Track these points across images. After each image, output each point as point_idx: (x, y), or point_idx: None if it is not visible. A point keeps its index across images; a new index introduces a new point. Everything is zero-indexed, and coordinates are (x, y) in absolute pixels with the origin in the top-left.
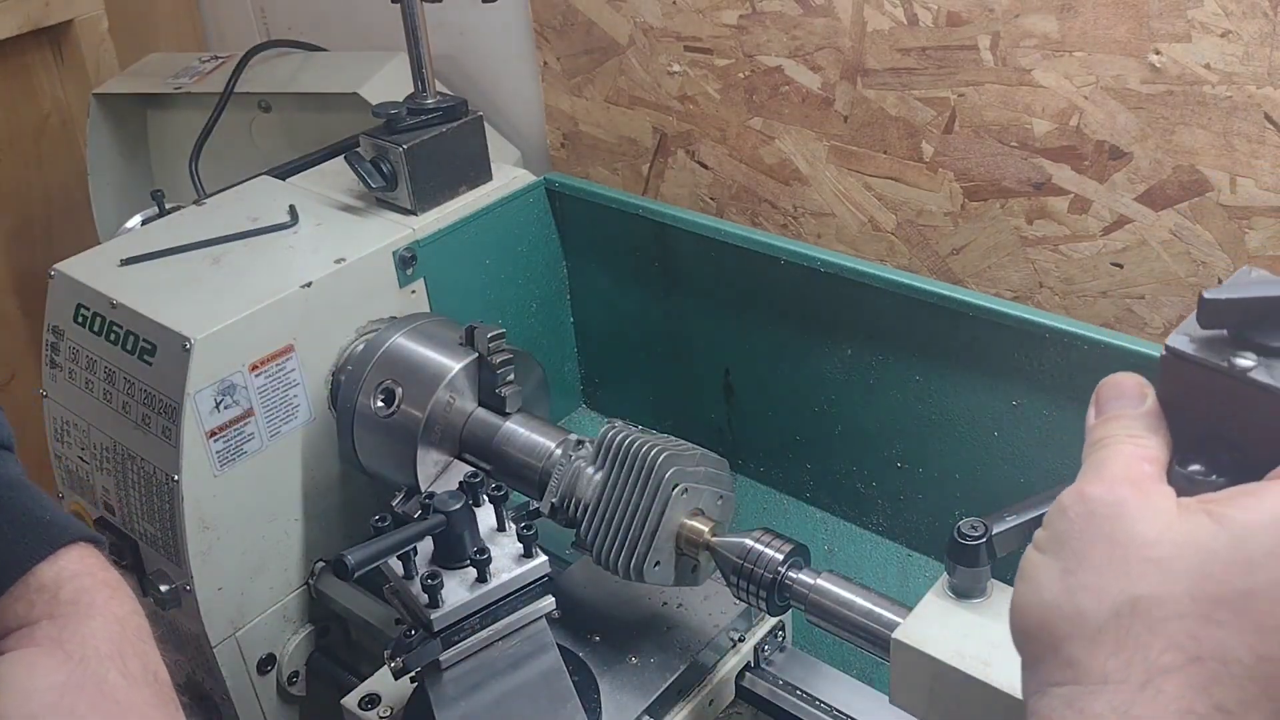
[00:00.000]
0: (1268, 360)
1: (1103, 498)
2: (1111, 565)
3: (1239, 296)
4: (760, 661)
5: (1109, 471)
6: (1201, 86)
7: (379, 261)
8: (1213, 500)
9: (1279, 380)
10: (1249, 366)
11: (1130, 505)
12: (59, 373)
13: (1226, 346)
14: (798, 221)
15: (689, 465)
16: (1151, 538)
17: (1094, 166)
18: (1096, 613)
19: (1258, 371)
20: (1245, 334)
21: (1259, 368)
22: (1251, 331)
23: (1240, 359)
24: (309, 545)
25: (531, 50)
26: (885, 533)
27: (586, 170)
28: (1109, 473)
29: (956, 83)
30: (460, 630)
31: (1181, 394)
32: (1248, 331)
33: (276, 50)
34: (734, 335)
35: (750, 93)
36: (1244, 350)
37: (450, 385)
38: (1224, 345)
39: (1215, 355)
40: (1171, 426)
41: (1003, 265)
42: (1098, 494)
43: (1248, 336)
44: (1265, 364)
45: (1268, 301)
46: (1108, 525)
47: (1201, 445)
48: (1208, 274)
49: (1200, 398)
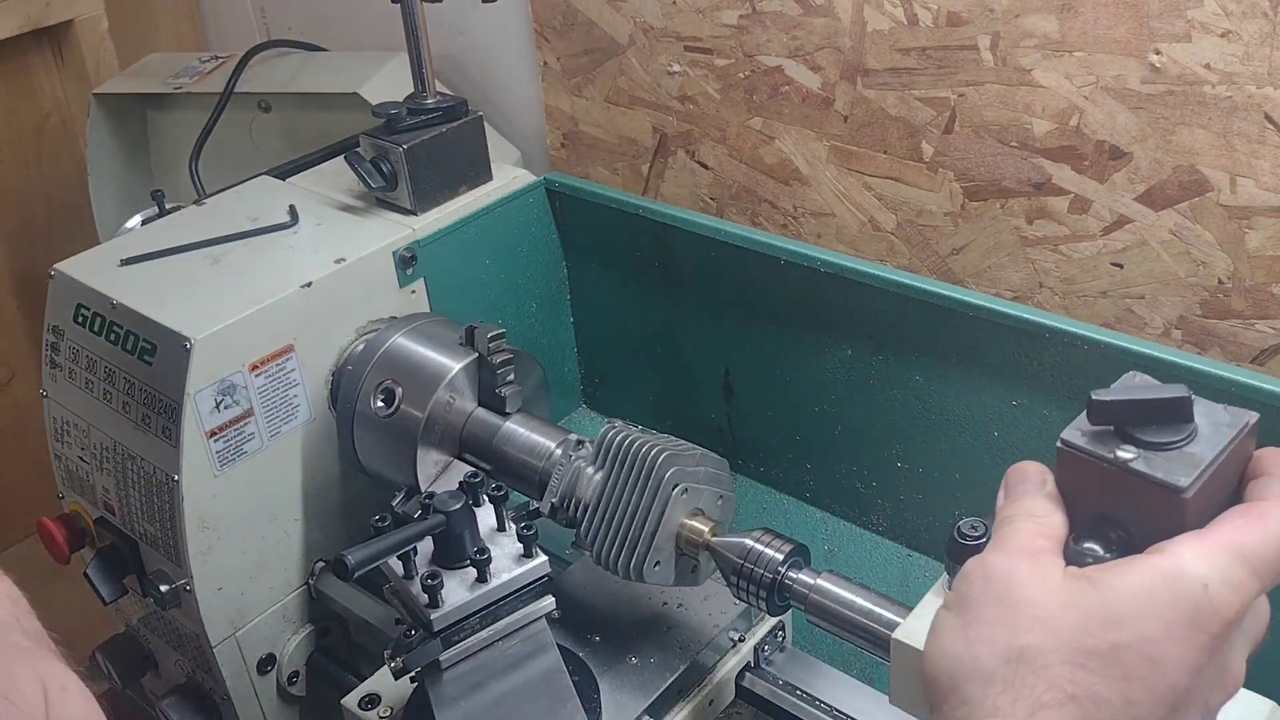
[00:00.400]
0: (1146, 453)
1: (1001, 567)
2: (1004, 622)
3: (1122, 399)
4: (760, 661)
5: (1009, 545)
6: (1201, 86)
7: (379, 261)
8: (1094, 569)
9: (1155, 470)
10: (1130, 458)
11: (1022, 573)
12: (59, 373)
13: (1112, 441)
14: (798, 221)
15: (689, 465)
16: (1039, 600)
17: (1094, 166)
18: (990, 659)
19: (1137, 462)
20: (1127, 430)
21: (1139, 459)
22: (1133, 428)
23: (1123, 451)
24: (309, 545)
25: (531, 50)
26: (885, 533)
27: (586, 170)
28: (1009, 546)
29: (956, 83)
30: (460, 630)
31: (1075, 481)
32: (1129, 428)
33: (276, 50)
34: (734, 335)
35: (750, 93)
36: (1126, 444)
37: (450, 385)
38: (1110, 439)
39: (1102, 448)
40: (1068, 509)
41: (1003, 265)
42: (997, 564)
43: (1130, 433)
44: (1144, 456)
45: (1146, 403)
46: (1002, 588)
47: (1094, 525)
48: (1208, 274)
49: (1091, 484)
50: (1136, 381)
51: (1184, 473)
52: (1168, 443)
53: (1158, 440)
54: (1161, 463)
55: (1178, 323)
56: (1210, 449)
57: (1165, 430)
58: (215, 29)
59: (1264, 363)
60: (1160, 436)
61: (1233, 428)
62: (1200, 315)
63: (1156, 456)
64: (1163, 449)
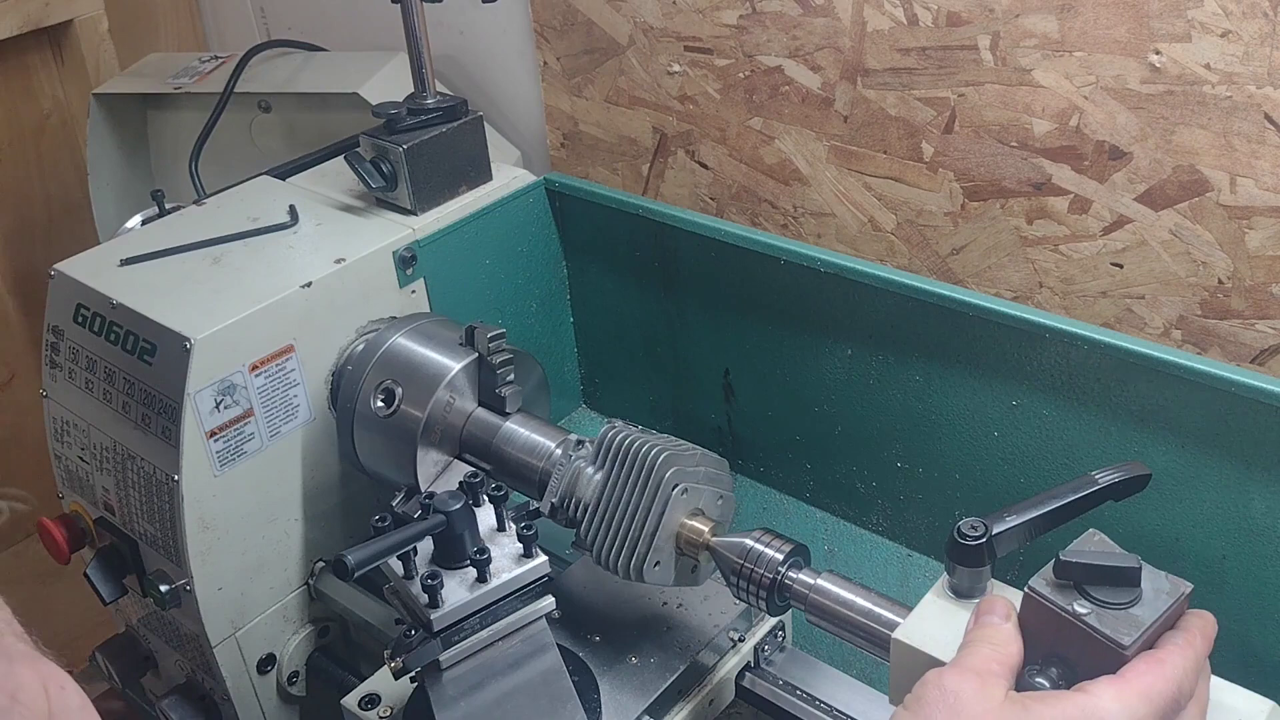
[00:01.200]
0: (1099, 609)
1: (954, 681)
2: None
3: (1084, 562)
4: (760, 661)
5: (965, 664)
6: (1201, 86)
7: (379, 261)
8: (1029, 696)
9: (1105, 626)
10: (1084, 613)
11: (969, 690)
12: (59, 373)
13: (1071, 594)
14: (798, 221)
15: (689, 465)
16: (977, 714)
17: (1094, 166)
18: None
19: (1090, 617)
20: (1085, 587)
21: (1092, 614)
22: (1090, 586)
23: (1079, 605)
24: (309, 545)
25: (531, 50)
26: (885, 533)
27: (586, 170)
28: (965, 665)
29: (956, 83)
30: (460, 630)
31: (1035, 621)
32: (1087, 586)
33: (276, 50)
34: (734, 335)
35: (750, 93)
36: (1083, 599)
37: (450, 385)
38: (1070, 592)
39: (1062, 600)
40: (1026, 642)
41: (1003, 265)
42: (951, 678)
43: (1087, 590)
44: (1096, 612)
45: (1104, 568)
46: (952, 699)
47: (1045, 660)
48: (1208, 274)
49: (1048, 627)
50: (1095, 540)
51: (1128, 632)
52: (1117, 603)
53: (1109, 600)
54: (1110, 620)
55: (1177, 323)
56: (1151, 613)
57: (1117, 592)
58: (215, 29)
59: (1264, 363)
60: (1112, 597)
61: (1171, 595)
62: (1200, 315)
63: (1106, 614)
64: (1112, 608)
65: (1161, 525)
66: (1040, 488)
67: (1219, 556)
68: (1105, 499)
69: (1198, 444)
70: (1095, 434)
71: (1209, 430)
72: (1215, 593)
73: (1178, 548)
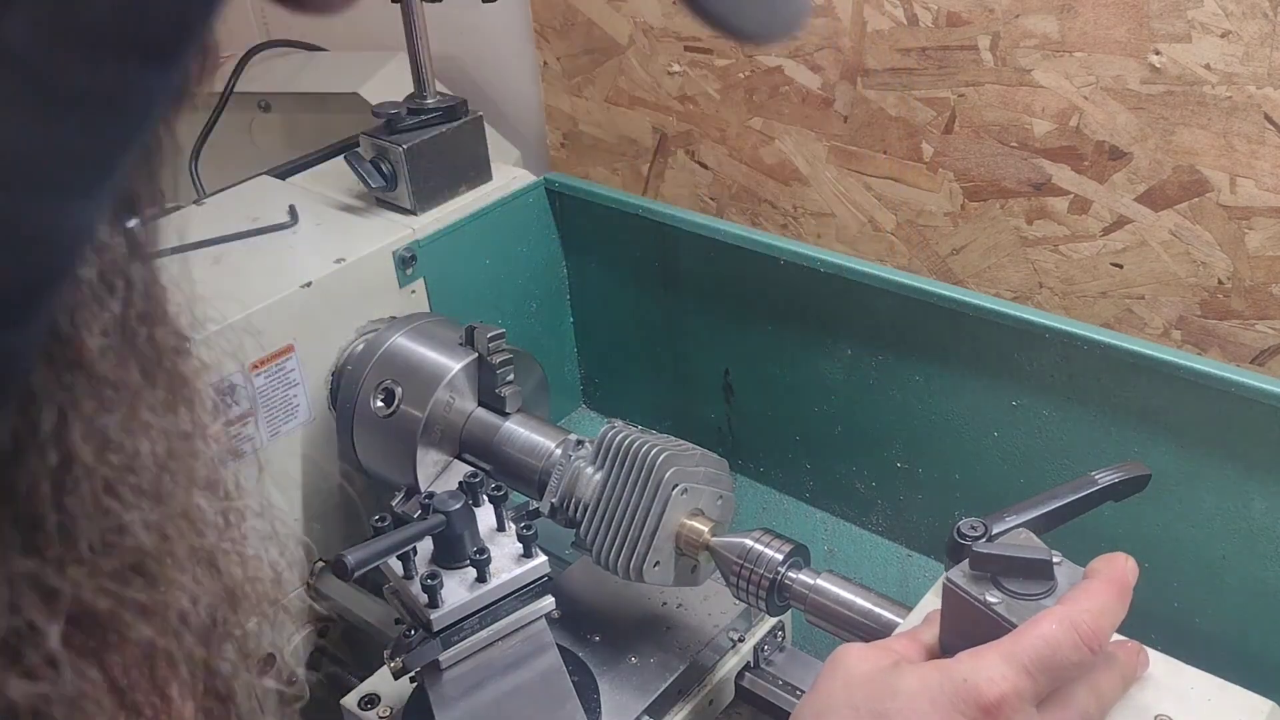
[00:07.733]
0: (1009, 599)
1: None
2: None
3: (998, 554)
4: (760, 661)
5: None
6: (1201, 87)
7: (379, 261)
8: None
9: (1013, 615)
10: (995, 602)
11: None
12: None
13: (986, 585)
14: (798, 222)
15: (689, 465)
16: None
17: (1094, 167)
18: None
19: (1000, 606)
20: (999, 580)
21: (1002, 604)
22: (1004, 579)
23: (990, 595)
24: (309, 545)
25: (531, 50)
26: (885, 533)
27: (586, 170)
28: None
29: (956, 83)
30: (460, 630)
31: (953, 613)
32: (1001, 578)
33: (276, 50)
34: (734, 335)
35: (750, 93)
36: (995, 590)
37: (450, 385)
38: (985, 584)
39: (976, 590)
40: (948, 633)
41: (1003, 265)
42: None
43: (1000, 581)
44: (1007, 602)
45: (1016, 560)
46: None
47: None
48: (1208, 274)
49: (965, 618)
50: (1021, 539)
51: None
52: (1029, 594)
53: (1022, 591)
54: (1019, 609)
55: (1177, 323)
56: None
57: (1029, 584)
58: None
59: (1264, 363)
60: (1025, 589)
61: None
62: (1200, 315)
63: (1016, 604)
64: (1023, 598)
65: (1161, 525)
66: (1040, 488)
67: (1219, 556)
68: (1105, 499)
69: (1198, 444)
70: (1095, 434)
71: (1209, 430)
72: (1215, 593)
73: (1178, 548)
